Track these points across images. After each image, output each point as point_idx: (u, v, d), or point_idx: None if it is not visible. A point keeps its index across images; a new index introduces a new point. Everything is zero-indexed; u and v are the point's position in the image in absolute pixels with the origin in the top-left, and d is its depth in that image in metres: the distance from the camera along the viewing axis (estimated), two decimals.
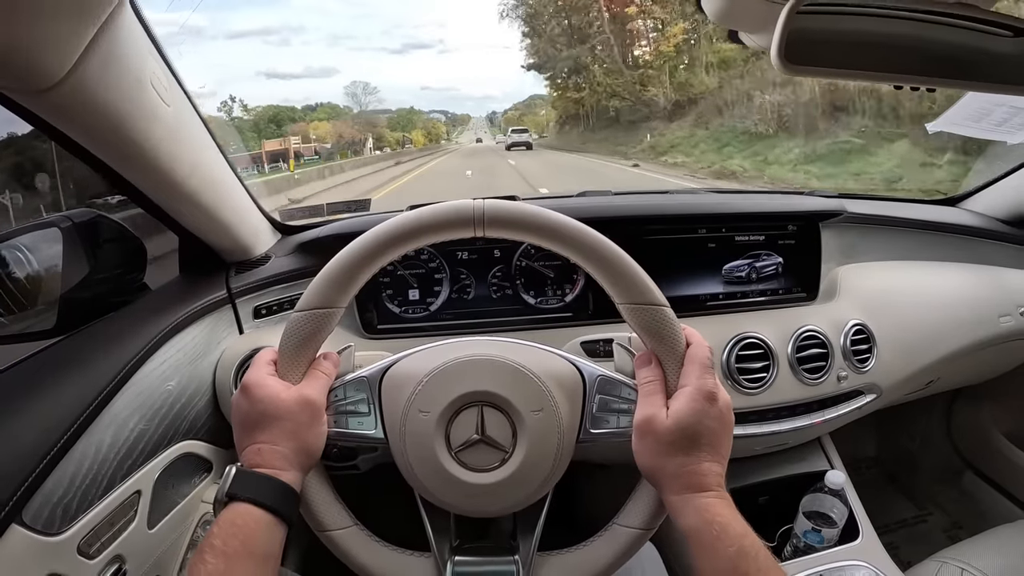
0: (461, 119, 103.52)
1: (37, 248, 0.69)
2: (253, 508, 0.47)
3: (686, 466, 0.49)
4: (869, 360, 0.96)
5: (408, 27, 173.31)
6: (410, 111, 74.66)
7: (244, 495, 0.48)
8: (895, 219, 1.15)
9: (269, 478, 0.49)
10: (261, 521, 0.47)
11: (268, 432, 0.51)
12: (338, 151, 35.97)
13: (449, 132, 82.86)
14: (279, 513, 0.48)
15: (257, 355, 0.55)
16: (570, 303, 0.94)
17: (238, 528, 0.46)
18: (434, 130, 70.11)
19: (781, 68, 0.56)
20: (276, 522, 0.48)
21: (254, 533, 0.47)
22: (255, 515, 0.47)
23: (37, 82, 0.43)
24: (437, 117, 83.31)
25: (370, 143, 42.56)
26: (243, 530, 0.46)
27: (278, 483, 0.49)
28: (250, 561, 0.46)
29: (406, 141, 53.75)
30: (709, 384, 0.50)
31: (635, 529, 0.54)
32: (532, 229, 0.53)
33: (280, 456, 0.50)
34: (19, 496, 0.49)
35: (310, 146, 32.70)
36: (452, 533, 0.58)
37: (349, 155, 33.87)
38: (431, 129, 69.36)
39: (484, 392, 0.52)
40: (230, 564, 0.44)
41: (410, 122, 68.70)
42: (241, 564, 0.45)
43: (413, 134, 61.06)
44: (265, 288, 0.86)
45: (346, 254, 0.53)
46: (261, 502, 0.48)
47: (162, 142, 0.60)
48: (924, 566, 0.91)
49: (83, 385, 0.60)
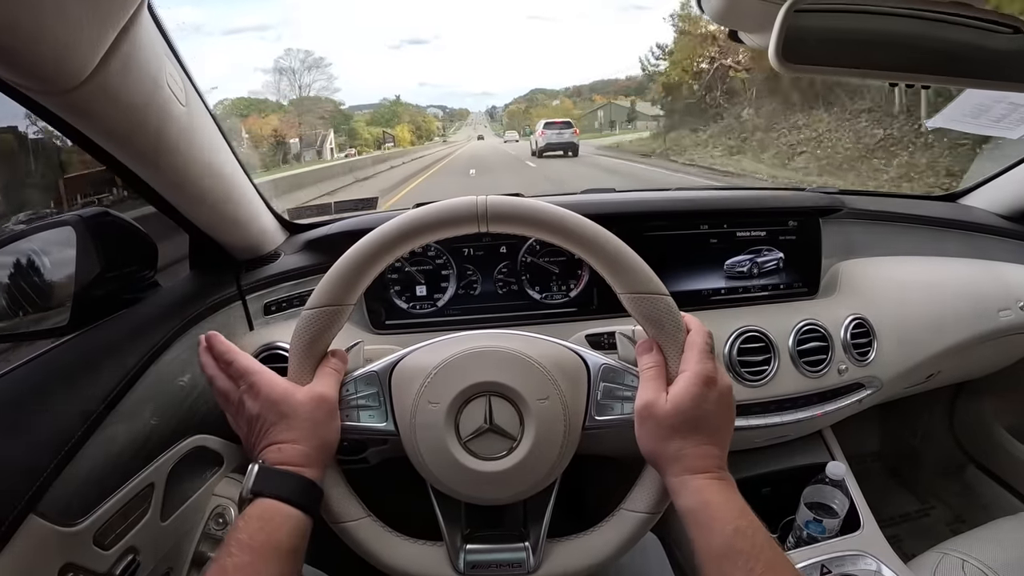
0: (459, 114, 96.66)
1: (51, 247, 0.70)
2: (279, 504, 0.49)
3: (684, 449, 0.50)
4: (869, 353, 0.97)
5: (404, 23, 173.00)
6: (394, 103, 62.06)
7: (269, 491, 0.49)
8: (895, 215, 1.16)
9: (292, 474, 0.51)
10: (287, 516, 0.49)
11: (287, 432, 0.52)
12: (280, 156, 27.43)
13: (445, 128, 73.00)
14: (304, 508, 0.50)
15: (251, 360, 0.57)
16: (575, 298, 0.95)
17: (264, 523, 0.48)
18: (425, 125, 59.74)
19: (779, 67, 0.57)
20: (301, 517, 0.49)
21: (280, 528, 0.48)
22: (281, 511, 0.49)
23: (60, 83, 0.44)
24: (434, 112, 75.69)
25: (331, 142, 32.90)
26: (269, 524, 0.48)
27: (302, 479, 0.51)
28: (275, 554, 0.47)
29: (387, 139, 44.72)
30: (708, 369, 0.51)
31: (641, 513, 0.56)
32: (534, 223, 0.55)
33: (302, 454, 0.52)
34: (36, 488, 0.50)
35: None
36: (463, 522, 0.59)
37: (290, 161, 26.73)
38: (421, 124, 58.73)
39: (491, 382, 0.54)
40: (255, 557, 0.46)
41: (395, 115, 57.35)
42: (266, 557, 0.46)
43: (397, 130, 51.07)
44: (275, 285, 0.88)
45: (353, 253, 0.55)
46: (286, 498, 0.49)
47: (177, 142, 0.61)
48: (925, 558, 0.92)
49: (98, 380, 0.61)
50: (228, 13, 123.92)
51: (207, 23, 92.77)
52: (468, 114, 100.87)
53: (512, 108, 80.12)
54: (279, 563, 0.47)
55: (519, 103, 77.09)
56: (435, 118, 72.71)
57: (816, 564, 0.89)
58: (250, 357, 0.57)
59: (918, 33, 0.60)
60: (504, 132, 45.53)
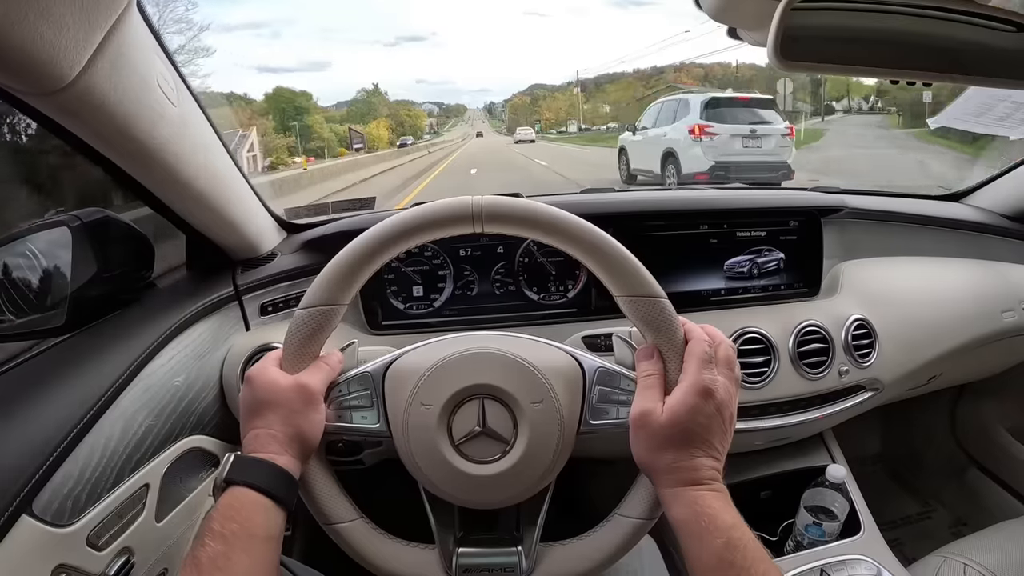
0: (455, 110, 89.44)
1: (47, 247, 0.70)
2: (249, 491, 0.48)
3: (679, 461, 0.49)
4: (870, 355, 0.96)
5: (401, 20, 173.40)
6: (371, 94, 48.74)
7: (240, 479, 0.49)
8: (897, 214, 1.15)
9: (264, 462, 0.50)
10: (258, 504, 0.48)
11: (264, 418, 0.52)
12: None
13: (439, 125, 63.09)
14: (275, 496, 0.49)
15: (267, 354, 0.57)
16: (572, 299, 0.95)
17: (235, 511, 0.47)
18: (411, 121, 47.17)
19: (778, 64, 0.56)
20: (273, 505, 0.49)
21: (252, 516, 0.47)
22: (252, 498, 0.48)
23: (48, 84, 0.44)
24: (429, 108, 68.24)
25: (253, 147, 19.53)
26: (240, 513, 0.47)
27: (273, 466, 0.50)
28: (249, 543, 0.46)
29: (355, 139, 31.93)
30: (706, 379, 0.50)
31: (636, 519, 0.55)
32: (529, 224, 0.54)
33: (275, 440, 0.51)
34: (29, 488, 0.50)
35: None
36: (456, 525, 0.58)
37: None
38: (405, 120, 46.29)
39: (485, 385, 0.53)
40: (229, 546, 0.45)
41: (371, 109, 45.89)
42: (240, 545, 0.45)
43: (371, 127, 38.98)
44: (271, 285, 0.87)
45: (347, 252, 0.54)
46: (256, 485, 0.48)
47: (169, 142, 0.61)
48: (927, 561, 0.92)
49: (92, 380, 0.61)
50: (220, 12, 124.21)
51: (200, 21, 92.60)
52: (465, 110, 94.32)
53: (516, 101, 72.54)
54: (254, 552, 0.46)
55: (522, 96, 70.77)
56: (427, 114, 62.21)
57: (816, 568, 0.88)
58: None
59: (919, 31, 0.59)
60: (515, 129, 32.38)
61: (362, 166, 17.07)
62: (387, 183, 12.72)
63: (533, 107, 56.40)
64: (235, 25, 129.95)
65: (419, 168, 16.65)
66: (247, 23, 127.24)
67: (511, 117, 67.06)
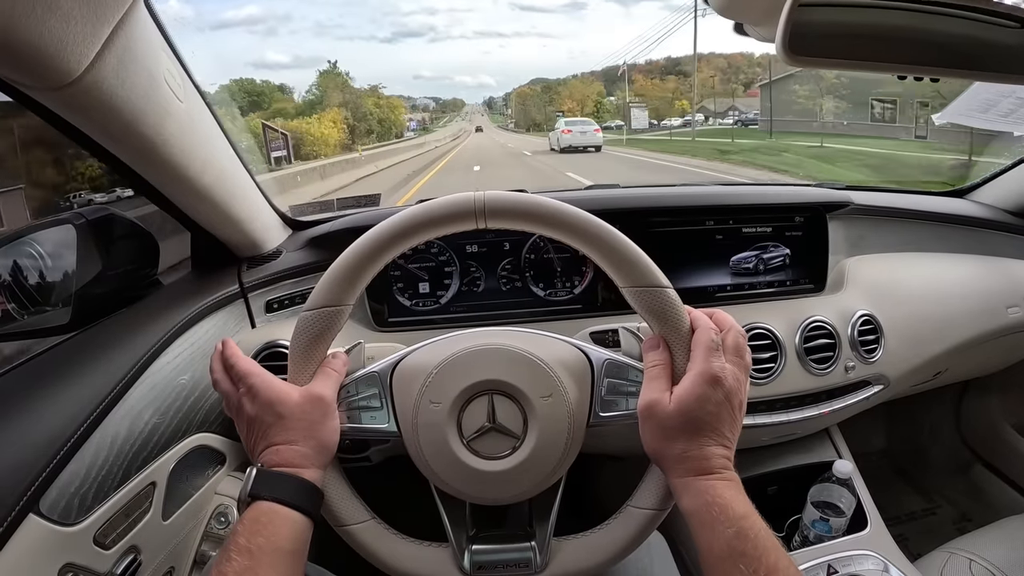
0: (452, 104, 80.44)
1: (52, 245, 0.70)
2: (277, 506, 0.48)
3: (689, 451, 0.49)
4: (876, 351, 0.96)
5: (397, 15, 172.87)
6: (325, 75, 34.23)
7: (267, 494, 0.48)
8: (902, 210, 1.15)
9: (291, 476, 0.50)
10: (286, 518, 0.48)
11: (284, 433, 0.51)
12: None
13: (431, 120, 52.24)
14: (303, 510, 0.49)
15: (256, 370, 0.54)
16: (579, 295, 0.95)
17: (262, 526, 0.47)
18: (389, 114, 34.06)
19: (787, 60, 0.56)
20: (301, 519, 0.49)
21: (279, 530, 0.47)
22: (280, 513, 0.48)
23: (54, 79, 0.43)
24: (424, 103, 61.61)
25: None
26: (267, 527, 0.47)
27: (300, 480, 0.50)
28: (276, 556, 0.46)
29: (275, 146, 14.76)
30: (714, 367, 0.50)
31: (648, 510, 0.55)
32: (532, 217, 0.54)
33: (300, 455, 0.51)
34: (36, 487, 0.50)
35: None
36: (468, 522, 0.58)
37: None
38: (371, 112, 32.74)
39: (493, 380, 0.53)
40: (256, 560, 0.45)
41: (323, 97, 32.19)
42: (267, 560, 0.45)
43: (312, 122, 27.32)
44: (277, 282, 0.87)
45: (350, 252, 0.54)
46: (285, 500, 0.48)
47: (175, 138, 0.60)
48: (932, 557, 0.92)
49: (98, 379, 0.61)
50: (214, 8, 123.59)
51: (195, 18, 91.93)
52: (463, 104, 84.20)
53: (523, 90, 59.23)
54: (280, 566, 0.46)
55: (531, 86, 59.36)
56: (420, 108, 51.01)
57: (823, 564, 0.88)
58: (250, 360, 0.56)
59: (926, 27, 0.59)
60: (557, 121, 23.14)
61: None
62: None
63: (546, 96, 48.63)
64: (231, 21, 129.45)
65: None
66: (243, 19, 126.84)
67: (517, 108, 56.60)
